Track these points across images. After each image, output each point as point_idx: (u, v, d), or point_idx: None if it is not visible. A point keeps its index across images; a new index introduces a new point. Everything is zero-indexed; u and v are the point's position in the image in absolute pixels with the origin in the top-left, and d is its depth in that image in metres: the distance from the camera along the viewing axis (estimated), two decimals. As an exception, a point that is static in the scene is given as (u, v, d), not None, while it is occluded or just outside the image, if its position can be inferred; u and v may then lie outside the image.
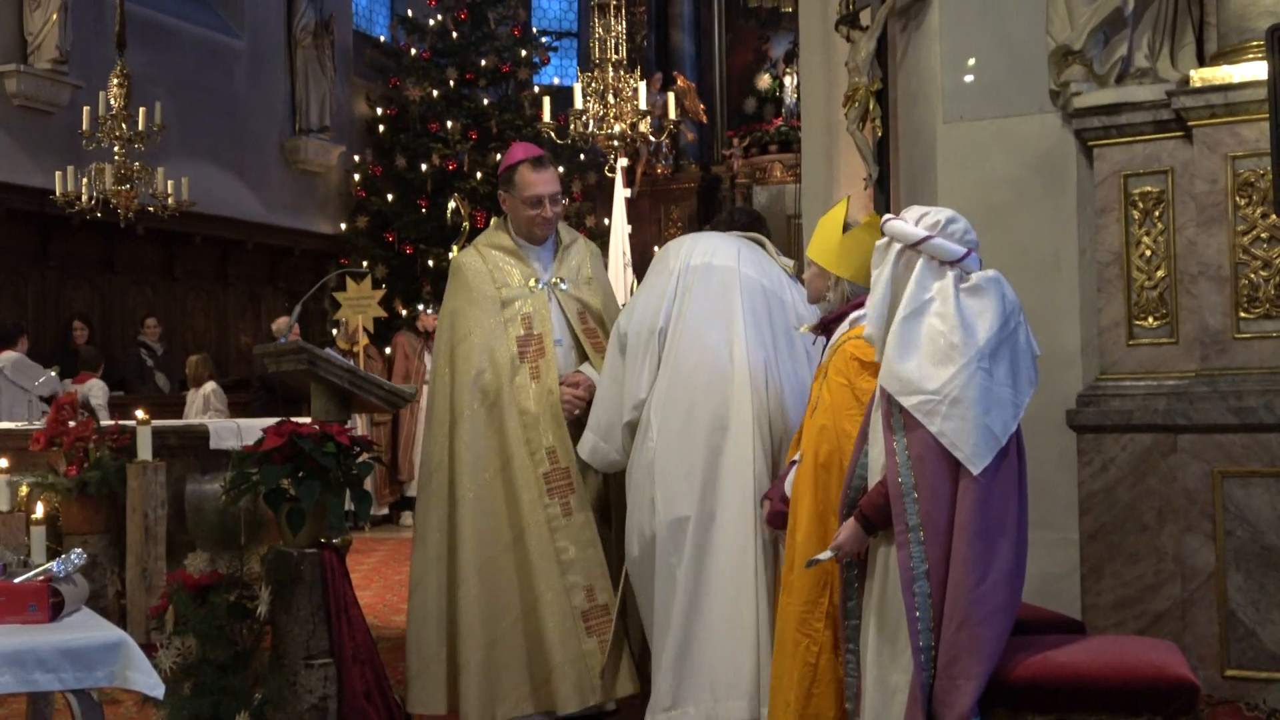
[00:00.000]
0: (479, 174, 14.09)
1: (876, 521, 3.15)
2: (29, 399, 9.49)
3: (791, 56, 16.19)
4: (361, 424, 10.45)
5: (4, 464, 5.30)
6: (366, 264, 13.56)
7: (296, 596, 4.05)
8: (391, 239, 14.26)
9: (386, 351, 12.10)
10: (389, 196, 14.38)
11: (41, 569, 3.18)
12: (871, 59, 5.79)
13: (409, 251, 14.13)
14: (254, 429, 5.36)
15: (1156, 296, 4.88)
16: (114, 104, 10.39)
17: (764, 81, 17.31)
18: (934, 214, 3.17)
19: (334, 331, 11.45)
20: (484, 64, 14.76)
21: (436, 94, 14.54)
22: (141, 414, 5.90)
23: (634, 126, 11.38)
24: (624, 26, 12.09)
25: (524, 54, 15.24)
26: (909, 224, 3.16)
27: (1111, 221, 4.94)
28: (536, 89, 15.37)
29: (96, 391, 9.55)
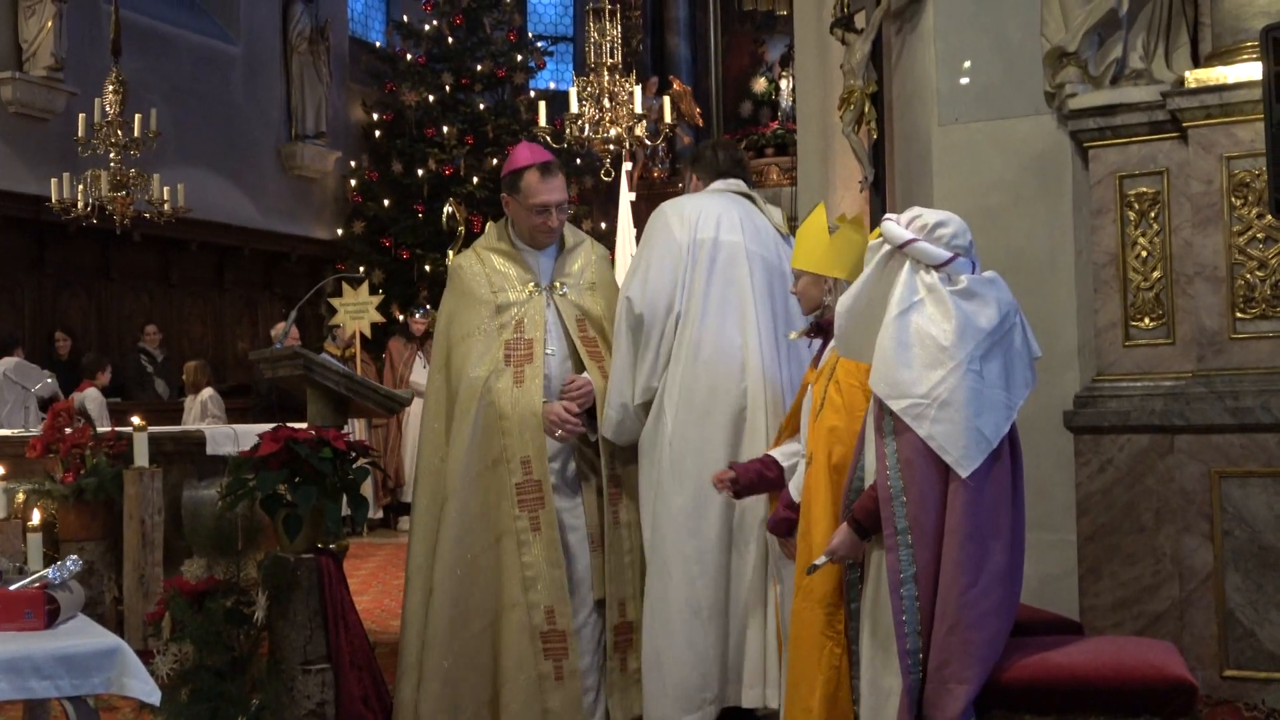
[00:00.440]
0: (475, 179, 14.10)
1: (868, 526, 3.15)
2: (26, 405, 9.50)
3: (787, 60, 16.21)
4: (359, 428, 10.43)
5: (1, 471, 5.29)
6: (363, 269, 13.56)
7: (293, 602, 4.04)
8: (388, 244, 14.27)
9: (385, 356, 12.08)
10: (385, 202, 14.38)
11: (37, 576, 3.17)
12: (866, 61, 5.79)
13: (405, 256, 14.14)
14: (251, 435, 5.35)
15: (1153, 297, 4.88)
16: (109, 111, 10.40)
17: (760, 85, 17.32)
18: (925, 217, 3.16)
19: (327, 339, 11.42)
20: (480, 69, 14.78)
21: (432, 99, 14.55)
22: (138, 420, 5.89)
23: (630, 130, 11.39)
24: (619, 31, 12.09)
25: (520, 59, 15.26)
26: (900, 225, 3.16)
27: (1107, 223, 4.94)
28: (532, 93, 15.37)
29: (92, 403, 9.54)
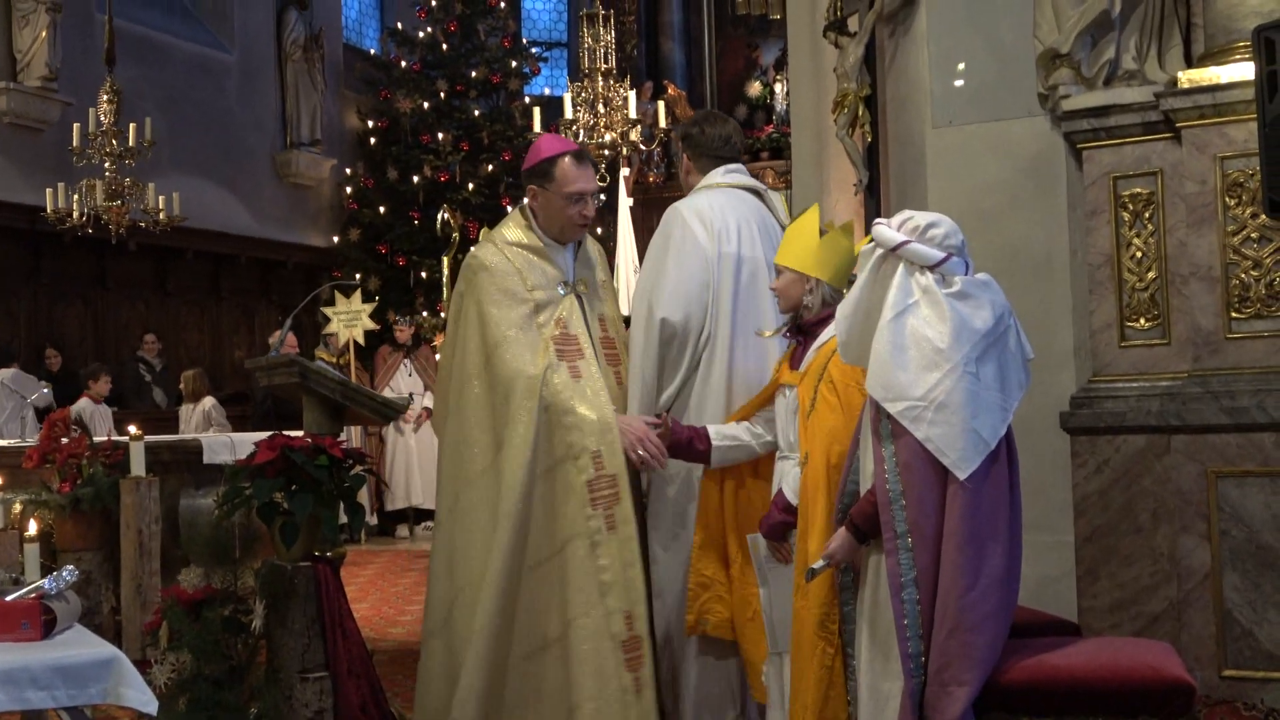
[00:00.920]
0: (471, 185, 14.10)
1: (866, 530, 3.15)
2: (23, 415, 9.50)
3: (781, 63, 16.21)
4: (355, 436, 10.43)
5: (-3, 482, 5.29)
6: (359, 276, 13.56)
7: (291, 610, 4.04)
8: (384, 251, 14.27)
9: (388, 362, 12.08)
10: (381, 209, 14.38)
11: (33, 586, 3.17)
12: (860, 64, 5.79)
13: (402, 263, 14.13)
14: (248, 443, 5.35)
15: (1148, 298, 4.88)
16: (104, 120, 10.40)
17: (754, 89, 17.33)
18: (916, 218, 3.16)
19: (320, 347, 11.41)
20: (474, 75, 14.77)
21: (427, 106, 14.55)
22: (134, 429, 5.89)
23: (625, 136, 11.41)
24: (613, 36, 12.11)
25: (514, 65, 15.26)
26: (891, 228, 3.16)
27: (1102, 223, 4.94)
28: (527, 99, 15.39)
29: (84, 413, 9.53)
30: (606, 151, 11.34)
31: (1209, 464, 4.63)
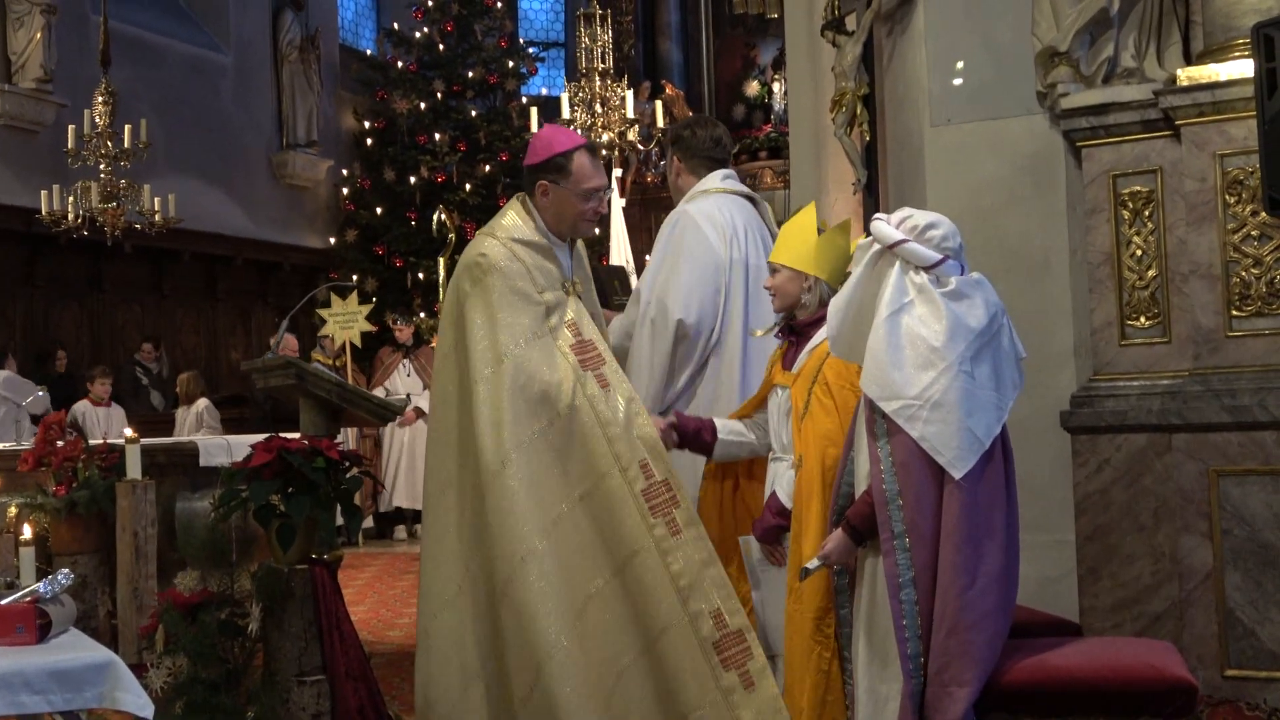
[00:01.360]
0: (468, 185, 14.10)
1: (863, 530, 3.15)
2: (17, 419, 9.49)
3: (779, 63, 16.21)
4: (351, 438, 10.42)
5: (-8, 485, 5.29)
6: (356, 278, 13.55)
7: (288, 613, 4.03)
8: (381, 252, 14.26)
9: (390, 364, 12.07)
10: (378, 210, 14.38)
11: (28, 590, 3.16)
12: (858, 63, 5.80)
13: (399, 264, 14.13)
14: (244, 446, 5.34)
15: (1148, 296, 4.88)
16: (99, 122, 10.39)
17: (752, 88, 17.33)
18: (916, 218, 3.17)
19: (316, 349, 11.40)
20: (471, 75, 14.78)
21: (424, 106, 14.56)
22: (130, 432, 5.88)
23: (622, 136, 11.41)
24: (610, 36, 12.13)
25: (511, 65, 15.26)
26: (890, 225, 3.16)
27: (1101, 222, 4.94)
28: (524, 99, 15.39)
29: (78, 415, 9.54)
30: (604, 152, 11.35)
31: (1210, 463, 4.63)
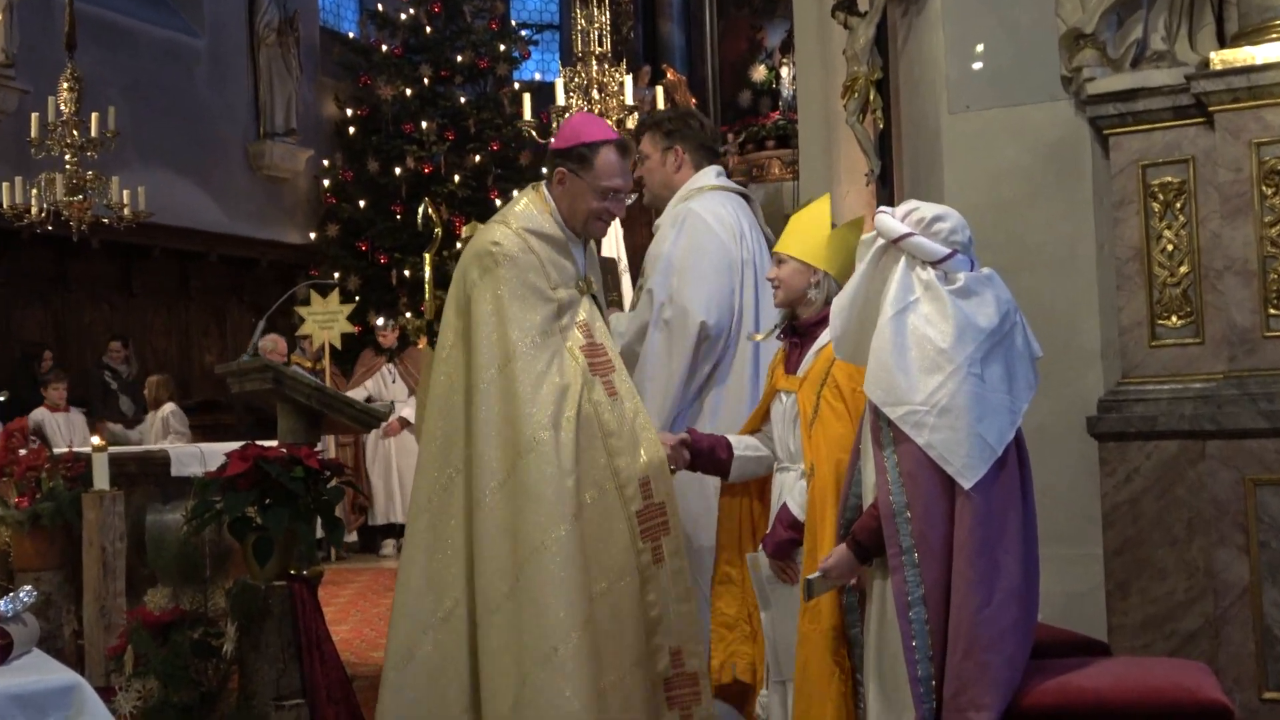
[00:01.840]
0: (457, 177, 14.11)
1: (869, 546, 3.13)
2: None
3: (788, 46, 16.23)
4: (331, 446, 10.43)
5: (-50, 497, 5.29)
6: (338, 275, 13.56)
7: (265, 633, 4.04)
8: (364, 248, 14.27)
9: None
10: (361, 203, 14.39)
11: (-12, 608, 3.16)
12: (871, 46, 5.80)
13: (383, 261, 14.14)
14: (219, 454, 5.34)
15: (1180, 294, 4.88)
16: (64, 109, 10.39)
17: (759, 73, 17.34)
18: (922, 210, 3.16)
19: (296, 351, 11.41)
20: (460, 60, 14.79)
21: (410, 93, 14.57)
22: (98, 440, 5.87)
23: (621, 124, 11.40)
24: (608, 17, 12.11)
25: (502, 49, 15.28)
26: (895, 218, 3.16)
27: (1130, 214, 4.94)
28: (516, 85, 15.38)
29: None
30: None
31: (1246, 471, 4.62)
